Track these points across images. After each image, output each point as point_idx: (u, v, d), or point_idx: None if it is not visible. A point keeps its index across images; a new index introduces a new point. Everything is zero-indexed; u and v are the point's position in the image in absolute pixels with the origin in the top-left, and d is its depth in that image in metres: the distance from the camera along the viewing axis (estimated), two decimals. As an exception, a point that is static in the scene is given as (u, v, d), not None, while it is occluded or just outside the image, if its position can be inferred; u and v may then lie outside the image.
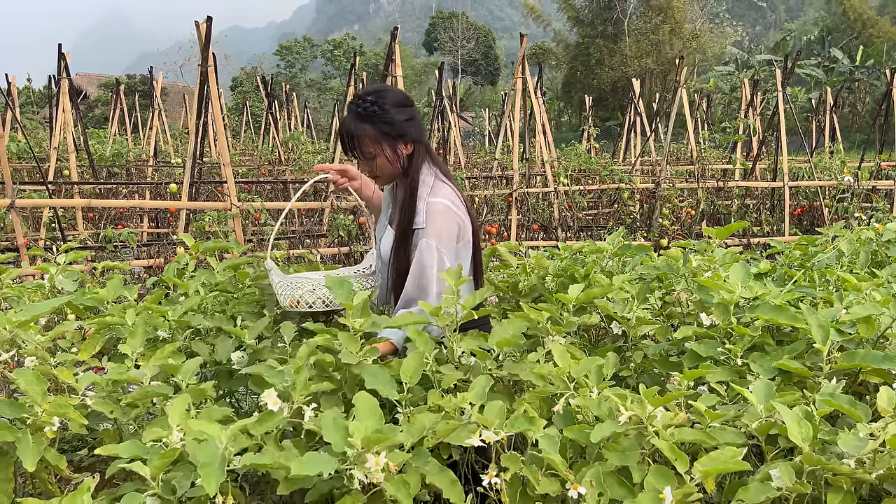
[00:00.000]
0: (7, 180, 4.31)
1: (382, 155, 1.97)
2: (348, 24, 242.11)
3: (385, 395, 1.43)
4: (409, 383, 1.47)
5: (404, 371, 1.48)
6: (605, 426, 1.30)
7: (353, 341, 1.60)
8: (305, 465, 1.14)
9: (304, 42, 50.93)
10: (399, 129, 1.97)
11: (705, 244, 2.49)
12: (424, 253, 1.92)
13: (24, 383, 1.44)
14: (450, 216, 1.97)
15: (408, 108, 2.01)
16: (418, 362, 1.51)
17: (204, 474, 1.16)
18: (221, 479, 1.16)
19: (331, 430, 1.23)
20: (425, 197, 1.98)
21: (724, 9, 49.31)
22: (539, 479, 1.28)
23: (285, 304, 2.02)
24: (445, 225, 1.95)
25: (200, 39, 4.65)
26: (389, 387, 1.45)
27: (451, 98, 10.10)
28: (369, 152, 1.97)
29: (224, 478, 1.17)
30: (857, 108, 31.81)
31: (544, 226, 6.96)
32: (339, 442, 1.20)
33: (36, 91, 28.86)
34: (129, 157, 8.69)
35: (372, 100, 1.95)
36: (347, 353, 1.57)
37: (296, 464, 1.14)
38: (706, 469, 1.22)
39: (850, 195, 7.24)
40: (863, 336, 1.68)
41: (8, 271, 2.30)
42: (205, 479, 1.15)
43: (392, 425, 1.28)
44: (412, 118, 2.02)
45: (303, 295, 2.00)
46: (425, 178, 2.01)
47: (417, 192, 1.98)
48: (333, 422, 1.24)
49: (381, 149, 1.97)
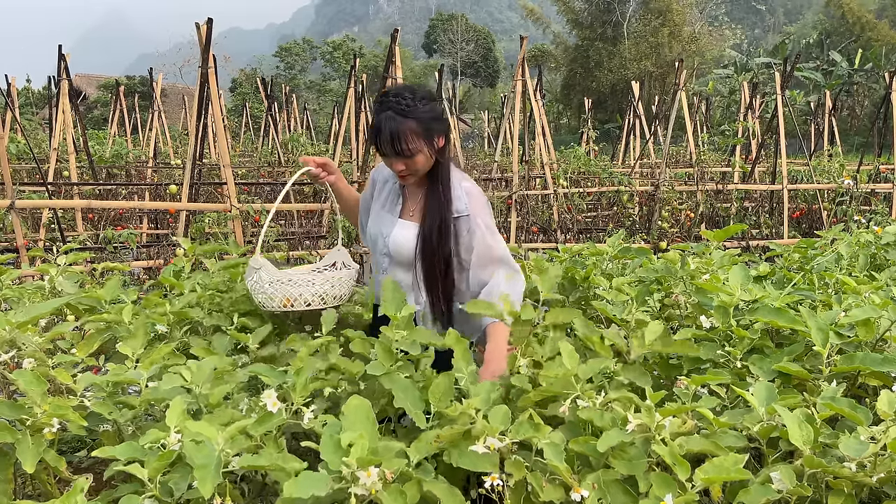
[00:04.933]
0: (7, 181, 4.31)
1: (423, 150, 1.98)
2: (347, 26, 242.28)
3: (411, 415, 1.41)
4: (436, 406, 1.42)
5: (433, 392, 1.44)
6: (612, 435, 1.28)
7: (388, 355, 1.59)
8: (300, 486, 1.12)
9: (303, 44, 50.95)
10: (437, 124, 2.00)
11: (704, 247, 2.49)
12: (487, 235, 1.98)
13: (24, 384, 1.44)
14: (484, 198, 2.06)
15: (436, 102, 2.04)
16: (449, 383, 1.47)
17: (200, 476, 1.15)
18: (217, 481, 1.16)
19: (328, 448, 1.21)
20: (458, 184, 2.04)
21: (723, 12, 49.40)
22: (543, 486, 1.27)
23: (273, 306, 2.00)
24: (485, 203, 2.05)
25: (201, 41, 4.65)
26: (417, 407, 1.43)
27: (450, 100, 10.11)
28: (414, 148, 1.96)
29: (220, 479, 1.17)
30: (855, 112, 31.85)
31: (544, 228, 6.96)
32: (335, 461, 1.18)
33: (35, 92, 28.84)
34: (128, 159, 8.69)
35: (410, 96, 1.96)
36: (378, 364, 1.56)
37: (289, 485, 1.12)
38: (709, 476, 1.21)
39: (848, 198, 7.25)
40: (862, 339, 1.68)
41: (8, 272, 2.30)
42: (200, 481, 1.15)
43: (390, 443, 1.26)
44: (443, 111, 2.06)
45: (301, 293, 1.99)
46: (452, 169, 2.08)
47: (450, 182, 2.03)
48: (331, 438, 1.22)
49: (422, 144, 1.97)
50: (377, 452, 1.19)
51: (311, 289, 2.01)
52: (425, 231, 2.01)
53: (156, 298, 2.09)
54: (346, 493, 1.17)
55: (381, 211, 2.18)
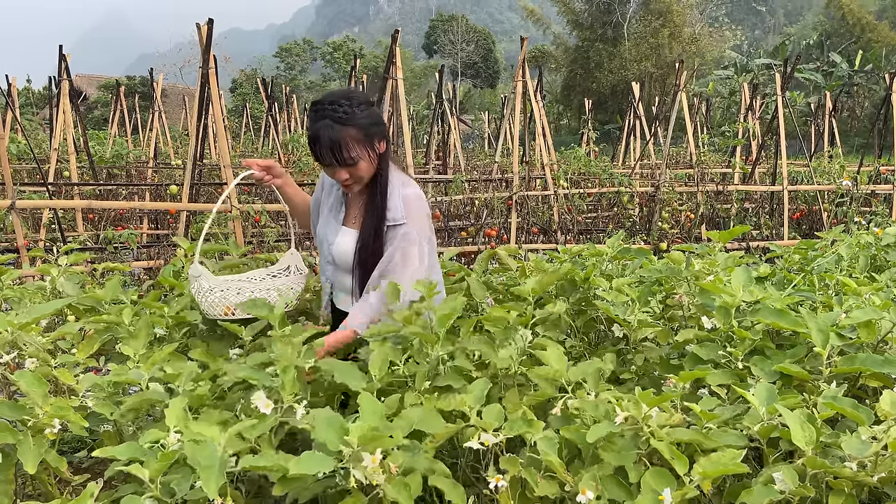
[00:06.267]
0: (7, 181, 4.31)
1: (366, 157, 1.94)
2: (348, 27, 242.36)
3: (355, 388, 1.45)
4: (377, 376, 1.50)
5: (372, 364, 1.52)
6: (601, 426, 1.31)
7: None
8: (303, 464, 1.13)
9: (303, 44, 50.98)
10: (377, 129, 1.95)
11: (707, 248, 2.49)
12: (405, 244, 1.93)
13: (25, 385, 1.44)
14: (423, 204, 2.01)
15: (373, 106, 2.00)
16: (384, 359, 1.53)
17: (204, 476, 1.15)
18: (222, 482, 1.16)
19: (324, 428, 1.20)
20: (398, 192, 1.99)
21: (724, 13, 49.43)
22: (538, 482, 1.28)
23: (215, 314, 1.93)
24: (422, 214, 1.99)
25: (201, 41, 4.65)
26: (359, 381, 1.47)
27: (450, 101, 10.11)
28: (354, 156, 1.92)
29: (224, 480, 1.17)
30: (855, 113, 31.84)
31: (544, 229, 6.95)
32: (333, 440, 1.18)
33: (36, 92, 28.86)
34: (129, 159, 8.68)
35: (347, 103, 1.91)
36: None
37: (293, 464, 1.13)
38: (705, 471, 1.22)
39: (849, 199, 7.25)
40: (863, 340, 1.68)
41: (8, 272, 2.30)
42: (205, 482, 1.15)
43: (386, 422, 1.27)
44: (380, 116, 2.02)
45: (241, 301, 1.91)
46: (392, 174, 2.02)
47: (388, 189, 1.98)
48: (326, 420, 1.23)
49: (364, 151, 1.93)
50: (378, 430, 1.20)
51: (254, 296, 1.94)
52: (363, 239, 1.99)
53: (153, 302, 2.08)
54: (343, 476, 1.18)
55: (329, 216, 2.15)
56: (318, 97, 1.98)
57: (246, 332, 1.89)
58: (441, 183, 7.30)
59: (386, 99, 5.88)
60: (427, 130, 11.56)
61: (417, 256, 1.94)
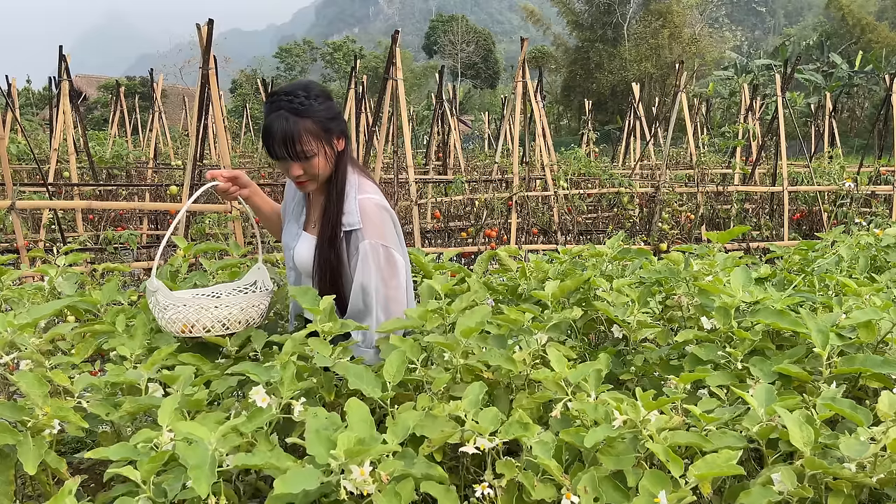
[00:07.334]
0: (7, 182, 4.31)
1: (322, 153, 1.84)
2: (348, 27, 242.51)
3: (370, 394, 1.42)
4: (392, 382, 1.46)
5: (387, 371, 1.48)
6: (600, 430, 1.30)
7: (323, 346, 1.61)
8: (289, 482, 1.11)
9: (303, 45, 51.03)
10: (334, 124, 1.86)
11: (706, 248, 2.49)
12: (370, 255, 1.85)
13: (25, 386, 1.44)
14: (382, 210, 1.91)
15: (332, 101, 1.89)
16: (401, 361, 1.51)
17: (195, 476, 1.14)
18: (213, 481, 1.15)
19: (314, 441, 1.19)
20: (354, 195, 1.89)
21: (724, 14, 49.46)
22: (535, 485, 1.27)
23: (174, 330, 1.81)
24: (382, 219, 1.89)
25: (201, 42, 4.65)
26: (374, 387, 1.44)
27: (450, 101, 10.10)
28: (309, 151, 1.81)
29: (215, 479, 1.16)
30: (855, 114, 31.87)
31: (544, 229, 6.96)
32: (322, 454, 1.17)
33: (36, 92, 28.88)
34: (129, 159, 8.69)
35: (304, 94, 1.80)
36: (321, 357, 1.56)
37: (279, 482, 1.11)
38: (701, 473, 1.22)
39: (849, 200, 7.25)
40: (863, 341, 1.68)
41: (8, 273, 2.29)
42: (195, 481, 1.14)
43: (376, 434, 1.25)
44: (340, 111, 1.91)
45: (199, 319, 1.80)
46: (350, 176, 1.92)
47: (345, 191, 1.89)
48: (316, 433, 1.21)
49: (320, 146, 1.83)
50: (364, 443, 1.18)
51: (212, 313, 1.82)
52: (318, 245, 1.91)
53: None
54: (335, 486, 1.17)
55: (291, 221, 2.08)
56: (276, 89, 1.87)
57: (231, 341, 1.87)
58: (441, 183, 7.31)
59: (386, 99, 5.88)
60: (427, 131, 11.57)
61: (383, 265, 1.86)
